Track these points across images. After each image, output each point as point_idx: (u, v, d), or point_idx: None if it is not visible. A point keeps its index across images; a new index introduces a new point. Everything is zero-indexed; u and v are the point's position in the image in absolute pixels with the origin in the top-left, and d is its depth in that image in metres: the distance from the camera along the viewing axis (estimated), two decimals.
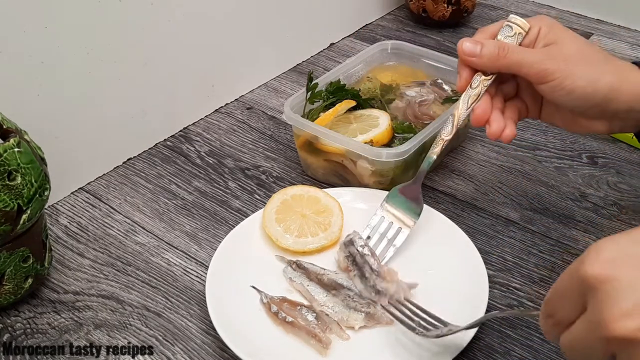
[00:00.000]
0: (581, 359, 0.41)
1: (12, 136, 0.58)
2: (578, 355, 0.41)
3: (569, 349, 0.42)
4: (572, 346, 0.41)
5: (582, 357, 0.41)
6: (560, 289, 0.42)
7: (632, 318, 0.36)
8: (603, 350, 0.39)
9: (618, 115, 0.59)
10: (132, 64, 0.80)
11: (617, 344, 0.37)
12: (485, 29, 0.63)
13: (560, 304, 0.42)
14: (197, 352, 0.61)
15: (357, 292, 0.63)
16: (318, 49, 1.07)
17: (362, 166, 0.73)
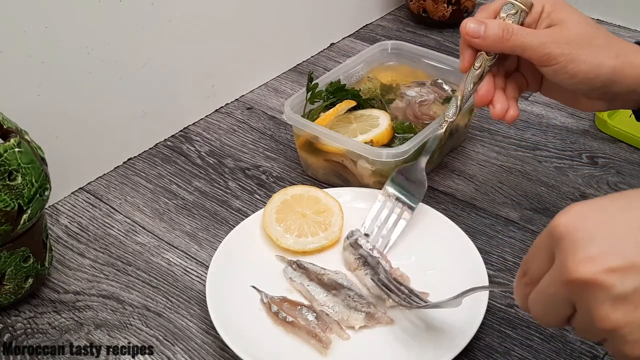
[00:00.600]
0: (544, 312, 0.42)
1: (13, 136, 0.58)
2: (541, 307, 0.42)
3: (535, 303, 0.42)
4: (537, 298, 0.42)
5: (545, 308, 0.41)
6: (534, 246, 0.43)
7: (594, 262, 0.37)
8: (564, 297, 0.39)
9: (619, 96, 0.59)
10: (133, 64, 0.80)
11: (577, 287, 0.38)
12: (487, 7, 0.62)
13: (532, 260, 0.42)
14: (198, 352, 0.61)
15: (357, 292, 0.63)
16: (318, 49, 1.07)
17: (362, 166, 0.74)
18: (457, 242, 0.67)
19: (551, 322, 0.42)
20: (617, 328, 0.37)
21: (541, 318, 0.43)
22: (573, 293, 0.39)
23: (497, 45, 0.59)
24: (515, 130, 0.89)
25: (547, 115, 0.91)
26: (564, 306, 0.40)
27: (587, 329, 0.40)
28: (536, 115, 0.92)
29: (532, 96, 0.96)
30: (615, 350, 0.39)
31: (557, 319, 0.41)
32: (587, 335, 0.41)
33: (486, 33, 0.59)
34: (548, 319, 0.42)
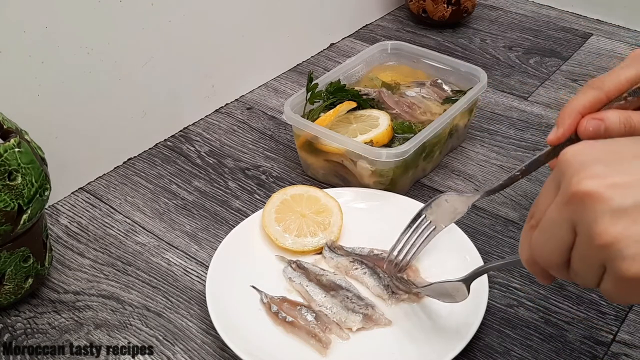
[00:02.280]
0: (546, 245, 0.41)
1: (13, 136, 0.58)
2: (543, 240, 0.41)
3: (538, 237, 0.42)
4: (541, 230, 0.41)
5: (547, 239, 0.41)
6: (542, 189, 0.43)
7: (597, 178, 0.38)
8: (565, 219, 0.39)
9: None
10: (132, 64, 0.80)
11: (578, 202, 0.38)
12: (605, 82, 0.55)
13: (539, 200, 0.43)
14: (197, 352, 0.61)
15: (355, 293, 0.63)
16: (318, 49, 1.07)
17: (362, 166, 0.74)
18: (457, 242, 0.67)
19: (553, 257, 0.41)
20: (615, 242, 0.37)
21: (543, 255, 0.42)
22: (574, 211, 0.39)
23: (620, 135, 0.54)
24: (515, 130, 0.89)
25: (547, 115, 0.91)
26: (565, 232, 0.40)
27: (585, 256, 0.39)
28: (536, 115, 0.92)
29: (531, 96, 0.96)
30: (613, 277, 0.38)
31: (559, 250, 0.41)
32: (585, 268, 0.40)
33: (607, 132, 0.53)
34: (550, 254, 0.41)
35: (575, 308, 0.64)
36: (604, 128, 0.53)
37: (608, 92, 0.54)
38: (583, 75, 1.00)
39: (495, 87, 0.98)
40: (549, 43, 1.09)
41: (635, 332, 0.62)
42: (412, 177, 0.78)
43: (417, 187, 0.79)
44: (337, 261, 0.66)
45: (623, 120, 0.53)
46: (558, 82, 0.99)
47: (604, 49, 1.08)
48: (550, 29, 1.13)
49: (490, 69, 1.02)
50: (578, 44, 1.09)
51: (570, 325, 0.63)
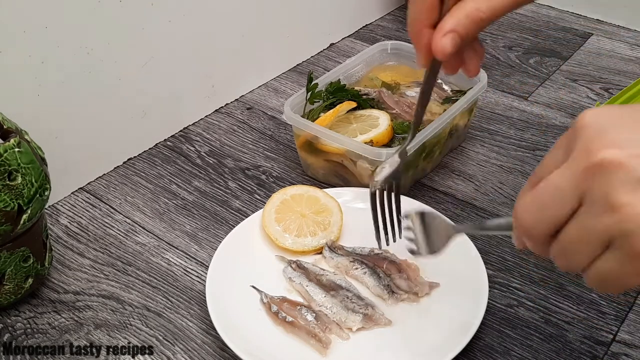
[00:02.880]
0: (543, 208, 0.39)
1: (13, 136, 0.58)
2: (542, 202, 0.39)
3: (536, 197, 0.39)
4: (542, 190, 0.38)
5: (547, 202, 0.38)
6: (552, 148, 0.40)
7: (620, 146, 0.35)
8: (574, 186, 0.37)
9: None
10: (132, 64, 0.80)
11: (596, 171, 0.36)
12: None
13: (546, 159, 0.40)
14: (197, 352, 0.61)
15: (355, 293, 0.63)
16: (318, 49, 1.07)
17: (362, 166, 0.74)
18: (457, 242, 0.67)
19: (542, 224, 0.39)
20: (635, 214, 0.35)
21: (533, 218, 0.39)
22: (589, 179, 0.36)
23: (474, 33, 0.50)
24: (515, 130, 0.89)
25: (547, 115, 0.92)
26: (569, 199, 0.37)
27: (590, 228, 0.37)
28: (536, 115, 0.92)
29: (531, 96, 0.96)
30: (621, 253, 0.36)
31: (553, 217, 0.38)
32: (583, 242, 0.37)
33: (463, 39, 0.49)
34: (541, 220, 0.39)
35: (575, 308, 0.64)
36: (459, 37, 0.49)
37: None
38: (583, 75, 1.00)
39: (495, 87, 0.98)
40: (549, 43, 1.09)
41: (635, 332, 0.62)
42: (412, 177, 0.78)
43: (417, 187, 0.79)
44: (337, 261, 0.66)
45: (470, 15, 0.48)
46: (558, 82, 0.99)
47: (604, 49, 1.08)
48: (550, 28, 1.13)
49: (490, 68, 1.02)
50: (578, 44, 1.09)
51: (571, 325, 0.63)
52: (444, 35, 0.49)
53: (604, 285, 0.38)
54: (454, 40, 0.49)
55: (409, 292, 0.63)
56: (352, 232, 0.70)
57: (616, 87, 0.97)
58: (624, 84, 0.97)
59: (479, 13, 0.48)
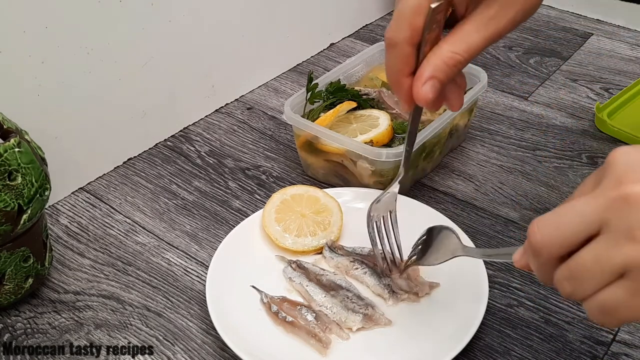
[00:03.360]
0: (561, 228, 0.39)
1: (13, 136, 0.58)
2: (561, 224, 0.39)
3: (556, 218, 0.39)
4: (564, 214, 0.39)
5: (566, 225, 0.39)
6: (579, 186, 0.40)
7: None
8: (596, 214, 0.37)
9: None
10: (133, 64, 0.80)
11: (623, 203, 0.36)
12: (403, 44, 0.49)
13: (575, 193, 0.40)
14: (198, 352, 0.61)
15: (355, 293, 0.63)
16: (318, 49, 1.07)
17: (362, 166, 0.74)
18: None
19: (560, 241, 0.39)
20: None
21: (551, 236, 0.39)
22: (614, 209, 0.37)
23: (453, 76, 0.50)
24: (515, 130, 0.89)
25: (547, 115, 0.92)
26: (589, 224, 0.37)
27: (606, 256, 0.37)
28: (536, 115, 0.92)
29: (531, 96, 0.96)
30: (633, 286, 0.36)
31: (571, 238, 0.38)
32: (595, 269, 0.37)
33: (443, 83, 0.49)
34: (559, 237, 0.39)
35: (575, 308, 0.64)
36: (439, 83, 0.48)
37: (406, 40, 0.48)
38: (583, 75, 1.00)
39: (495, 87, 0.98)
40: (549, 43, 1.09)
41: (635, 332, 0.62)
42: (412, 177, 0.78)
43: (418, 187, 0.79)
44: (338, 261, 0.66)
45: (447, 61, 0.48)
46: (558, 82, 0.99)
47: (604, 48, 1.08)
48: (551, 28, 1.13)
49: (490, 68, 1.02)
50: (578, 44, 1.09)
51: (571, 325, 0.63)
52: (424, 84, 0.49)
53: (605, 315, 0.38)
54: (434, 87, 0.49)
55: (409, 292, 0.63)
56: (352, 232, 0.70)
57: (616, 87, 0.97)
58: (624, 84, 0.98)
59: (456, 56, 0.48)
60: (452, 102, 0.53)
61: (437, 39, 0.49)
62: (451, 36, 0.48)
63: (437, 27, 0.48)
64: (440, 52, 0.48)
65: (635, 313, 0.37)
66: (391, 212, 0.63)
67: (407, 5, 0.47)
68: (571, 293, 0.39)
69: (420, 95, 0.49)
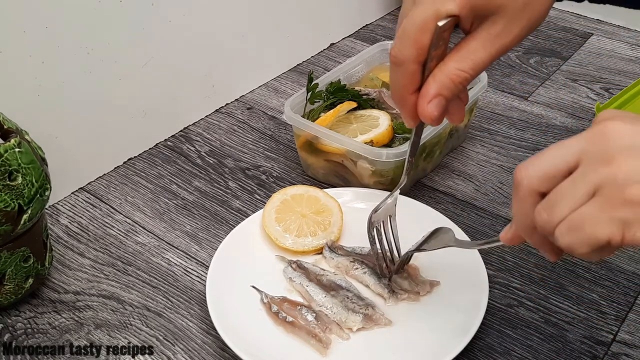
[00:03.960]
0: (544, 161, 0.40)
1: (13, 136, 0.58)
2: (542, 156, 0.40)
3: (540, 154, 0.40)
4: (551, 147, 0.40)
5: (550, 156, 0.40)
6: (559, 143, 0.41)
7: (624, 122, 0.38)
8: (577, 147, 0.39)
9: None
10: (133, 64, 0.80)
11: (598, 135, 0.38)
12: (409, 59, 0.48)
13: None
14: (198, 352, 0.61)
15: (356, 293, 0.63)
16: (318, 49, 1.07)
17: (363, 166, 0.74)
18: None
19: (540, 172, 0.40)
20: (626, 167, 0.37)
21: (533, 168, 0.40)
22: (593, 140, 0.39)
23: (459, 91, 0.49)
24: (515, 130, 0.89)
25: (547, 115, 0.92)
26: (570, 156, 0.39)
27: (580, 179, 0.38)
28: (536, 115, 0.92)
29: (531, 96, 0.96)
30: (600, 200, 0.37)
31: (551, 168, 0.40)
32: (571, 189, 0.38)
33: (449, 99, 0.49)
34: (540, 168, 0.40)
35: (575, 308, 0.64)
36: (445, 100, 0.49)
37: (412, 58, 0.48)
38: (583, 75, 1.00)
39: (496, 87, 0.98)
40: (549, 43, 1.09)
41: (635, 332, 0.62)
42: (413, 177, 0.78)
43: (418, 187, 0.79)
44: (338, 261, 0.66)
45: (453, 78, 0.48)
46: (558, 82, 0.99)
47: (604, 49, 1.08)
48: (551, 28, 1.13)
49: (491, 68, 1.02)
50: (578, 44, 1.09)
51: (571, 325, 0.63)
52: (430, 102, 0.49)
53: (572, 233, 0.39)
54: (440, 104, 0.49)
55: (410, 292, 0.63)
56: (352, 232, 0.70)
57: (616, 87, 0.97)
58: (624, 84, 0.97)
59: (463, 73, 0.48)
60: (454, 116, 0.53)
61: (443, 55, 0.49)
62: (457, 53, 0.48)
63: (443, 44, 0.48)
64: (447, 69, 0.48)
65: (601, 228, 0.38)
66: (391, 216, 0.64)
67: (413, 23, 0.47)
68: (547, 220, 0.40)
69: (426, 113, 0.49)
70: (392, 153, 0.71)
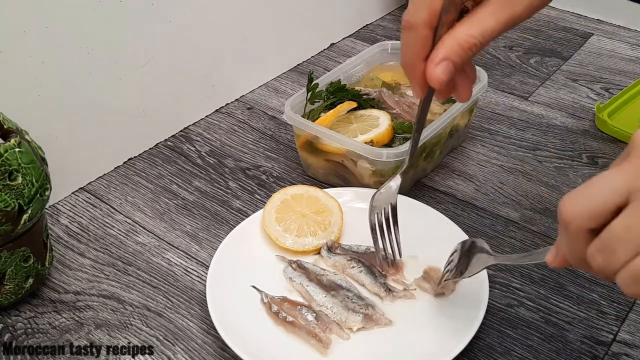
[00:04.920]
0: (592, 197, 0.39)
1: (13, 136, 0.58)
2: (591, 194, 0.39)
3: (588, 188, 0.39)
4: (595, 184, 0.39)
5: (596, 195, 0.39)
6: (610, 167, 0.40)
7: None
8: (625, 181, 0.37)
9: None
10: (133, 64, 0.80)
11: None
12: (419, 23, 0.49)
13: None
14: (198, 352, 0.61)
15: (356, 293, 0.63)
16: (318, 49, 1.07)
17: (363, 166, 0.74)
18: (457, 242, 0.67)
19: (589, 212, 0.39)
20: None
21: (580, 207, 0.39)
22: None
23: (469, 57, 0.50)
24: (515, 130, 0.89)
25: (547, 115, 0.92)
26: (618, 194, 0.37)
27: (636, 224, 0.36)
28: (536, 115, 0.92)
29: (532, 96, 0.96)
30: None
31: (600, 208, 0.38)
32: (626, 239, 0.37)
33: (457, 65, 0.49)
34: (588, 207, 0.39)
35: (575, 308, 0.64)
36: (452, 65, 0.49)
37: (425, 22, 0.49)
38: (583, 75, 1.00)
39: (496, 87, 0.98)
40: (550, 43, 1.09)
41: (635, 332, 0.62)
42: (413, 177, 0.78)
43: (418, 187, 0.79)
44: (335, 260, 0.66)
45: (462, 44, 0.48)
46: (558, 82, 0.99)
47: (604, 49, 1.08)
48: (551, 28, 1.13)
49: (491, 68, 1.02)
50: (578, 44, 1.09)
51: (571, 325, 0.63)
52: (438, 64, 0.49)
53: (638, 284, 0.37)
54: (448, 68, 0.49)
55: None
56: (352, 232, 0.70)
57: (616, 87, 0.97)
58: (624, 84, 0.98)
59: (471, 39, 0.48)
60: (461, 93, 0.53)
61: (454, 23, 0.49)
62: (467, 19, 0.48)
63: (454, 9, 0.48)
64: (455, 34, 0.48)
65: None
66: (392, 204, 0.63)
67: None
68: (603, 266, 0.38)
69: (433, 77, 0.49)
70: (392, 153, 0.71)
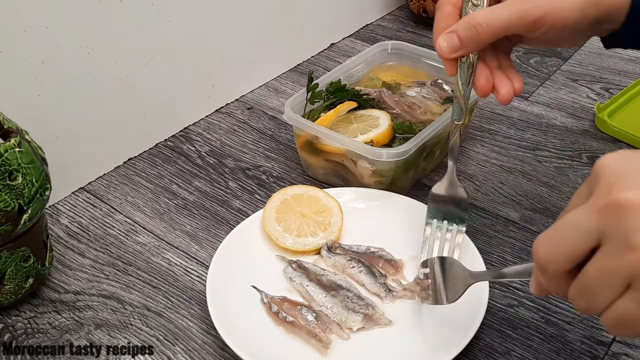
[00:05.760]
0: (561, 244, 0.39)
1: (13, 136, 0.58)
2: (561, 238, 0.39)
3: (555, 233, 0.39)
4: (561, 228, 0.39)
5: (565, 239, 0.38)
6: (573, 196, 0.40)
7: (636, 192, 0.36)
8: (593, 225, 0.37)
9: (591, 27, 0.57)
10: (133, 64, 0.80)
11: (616, 211, 0.36)
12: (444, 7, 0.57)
13: (569, 206, 0.40)
14: (198, 352, 0.61)
15: (356, 293, 0.63)
16: (318, 49, 1.07)
17: (363, 166, 0.74)
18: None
19: (562, 256, 0.38)
20: None
21: (553, 252, 0.39)
22: (609, 217, 0.36)
23: (479, 44, 0.55)
24: (515, 130, 0.89)
25: (547, 115, 0.91)
26: (588, 235, 0.37)
27: (610, 268, 0.36)
28: (536, 115, 0.92)
29: (532, 96, 0.96)
30: (638, 296, 0.36)
31: (573, 251, 0.38)
32: (603, 281, 0.37)
33: (462, 42, 0.54)
34: (561, 252, 0.38)
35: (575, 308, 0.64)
36: (458, 40, 0.55)
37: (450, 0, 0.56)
38: (583, 75, 1.00)
39: None
40: None
41: None
42: (413, 177, 0.78)
43: (418, 187, 0.79)
44: (335, 260, 0.66)
45: (469, 20, 0.54)
46: (558, 82, 0.99)
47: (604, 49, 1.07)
48: None
49: None
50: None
51: (571, 325, 0.63)
52: (444, 35, 0.55)
53: (620, 328, 0.38)
54: (451, 38, 0.55)
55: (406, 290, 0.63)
56: (353, 232, 0.70)
57: (616, 87, 0.97)
58: (624, 84, 0.97)
59: (477, 17, 0.53)
60: (500, 94, 0.57)
61: None
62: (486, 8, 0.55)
63: None
64: (469, 15, 0.55)
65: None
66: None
67: None
68: (587, 309, 0.39)
69: (437, 44, 0.55)
70: (392, 153, 0.71)
